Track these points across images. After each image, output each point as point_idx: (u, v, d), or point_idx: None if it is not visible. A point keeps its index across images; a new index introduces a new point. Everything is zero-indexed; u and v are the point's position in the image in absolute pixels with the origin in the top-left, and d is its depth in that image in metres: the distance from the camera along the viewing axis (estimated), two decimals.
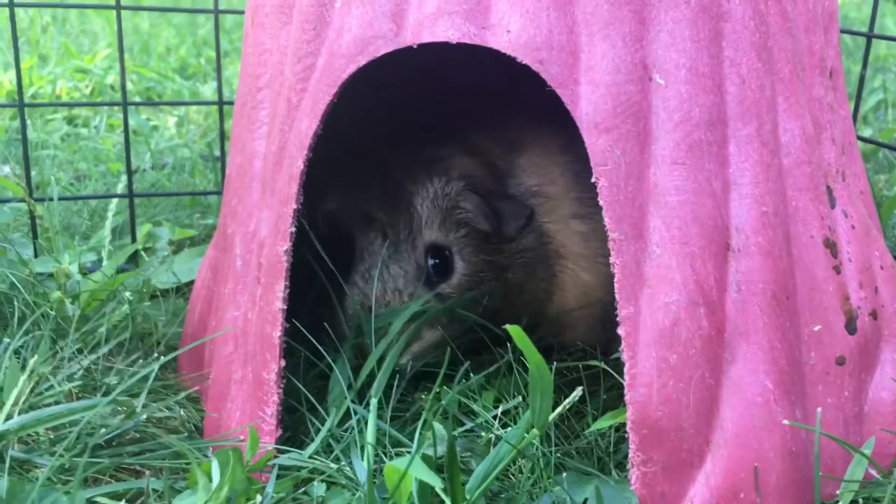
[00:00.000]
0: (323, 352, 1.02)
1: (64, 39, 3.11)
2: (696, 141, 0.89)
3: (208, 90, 2.74)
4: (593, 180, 0.88)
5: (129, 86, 2.88)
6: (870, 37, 1.36)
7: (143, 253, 1.53)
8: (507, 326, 0.79)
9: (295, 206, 0.97)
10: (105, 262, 1.37)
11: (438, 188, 1.13)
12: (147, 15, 4.07)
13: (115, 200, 1.63)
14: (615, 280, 0.88)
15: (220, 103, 1.52)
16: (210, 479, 0.82)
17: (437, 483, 0.72)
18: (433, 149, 1.18)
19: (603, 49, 0.88)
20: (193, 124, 2.46)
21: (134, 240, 1.50)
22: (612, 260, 0.88)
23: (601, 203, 0.88)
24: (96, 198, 1.63)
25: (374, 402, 0.94)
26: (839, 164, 1.00)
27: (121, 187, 1.67)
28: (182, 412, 1.09)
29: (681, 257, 0.88)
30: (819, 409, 0.89)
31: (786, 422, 0.87)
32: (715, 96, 0.90)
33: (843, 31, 1.35)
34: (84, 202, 1.71)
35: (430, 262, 1.13)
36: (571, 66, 0.88)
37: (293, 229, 0.97)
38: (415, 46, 0.90)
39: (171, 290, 1.42)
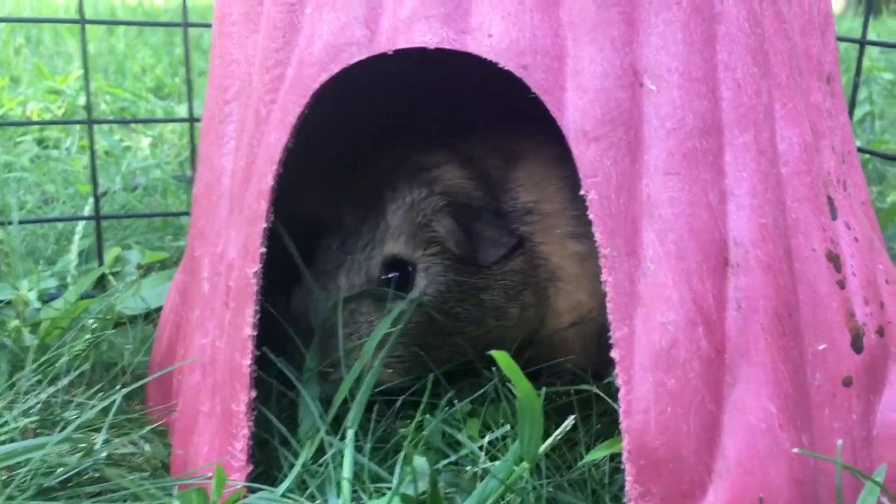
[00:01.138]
0: (294, 379, 0.96)
1: (36, 60, 3.04)
2: (691, 149, 0.83)
3: (183, 110, 2.68)
4: (582, 192, 0.82)
5: (103, 106, 2.82)
6: (863, 43, 1.32)
7: (111, 278, 1.46)
8: (493, 353, 0.72)
9: (265, 225, 0.90)
10: (70, 289, 1.30)
11: (416, 200, 1.06)
12: (123, 35, 4.02)
13: (82, 224, 1.56)
14: (608, 299, 0.82)
15: (191, 120, 1.46)
16: None
17: None
18: (423, 154, 1.11)
19: (590, 53, 0.83)
20: (168, 144, 2.40)
21: (101, 264, 1.43)
22: (603, 278, 0.82)
23: (591, 217, 0.82)
24: (60, 220, 1.56)
25: (350, 433, 0.87)
26: (839, 173, 0.95)
27: (88, 209, 1.60)
28: (147, 447, 1.02)
29: (677, 274, 0.82)
30: (840, 442, 0.84)
31: (795, 450, 0.81)
32: (709, 102, 0.85)
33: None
34: (51, 226, 1.64)
35: (390, 275, 1.05)
36: (557, 72, 0.83)
37: (263, 250, 0.91)
38: (390, 53, 0.84)
39: (140, 317, 1.35)
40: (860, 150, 1.61)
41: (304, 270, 1.03)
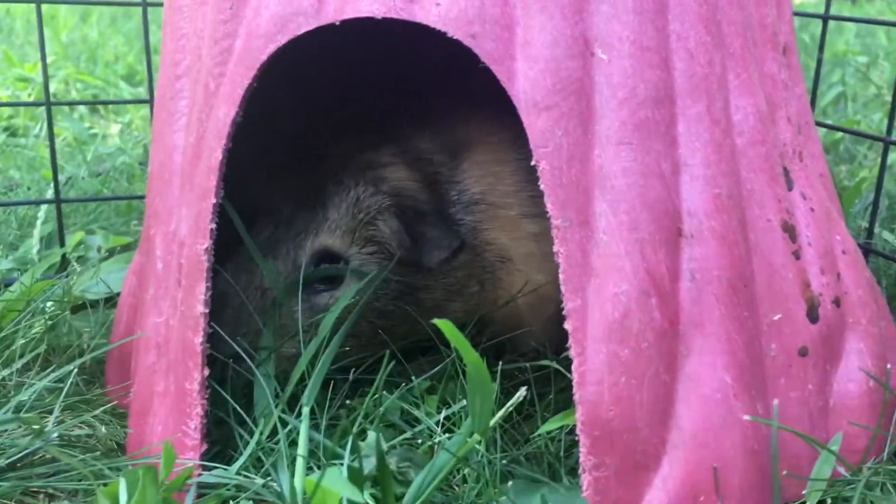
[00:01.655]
0: (246, 358, 0.95)
1: (5, 48, 3.00)
2: (643, 119, 0.83)
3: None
4: (533, 163, 0.81)
5: (74, 93, 2.78)
6: (826, 18, 1.31)
7: (74, 263, 1.44)
8: (437, 321, 0.72)
9: (214, 201, 0.89)
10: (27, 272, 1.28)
11: (361, 196, 1.06)
12: (96, 23, 3.97)
13: (44, 209, 1.54)
14: (560, 271, 0.81)
15: (151, 101, 1.44)
16: (117, 502, 0.74)
17: (359, 498, 0.65)
18: (371, 151, 1.10)
19: (540, 22, 0.82)
20: (137, 131, 2.37)
21: (63, 248, 1.41)
22: (555, 249, 0.81)
23: (542, 187, 0.81)
24: (20, 203, 1.54)
25: (305, 410, 0.86)
26: (796, 144, 0.95)
27: (51, 194, 1.58)
28: (103, 429, 1.01)
29: (630, 244, 0.82)
30: (775, 402, 0.83)
31: (746, 417, 0.80)
32: (661, 72, 0.84)
33: (796, 14, 1.30)
34: (12, 211, 1.62)
35: (322, 266, 1.05)
36: (507, 41, 0.82)
37: (213, 226, 0.89)
38: (337, 23, 0.83)
39: (101, 301, 1.33)
40: (832, 126, 1.61)
41: (252, 247, 1.02)
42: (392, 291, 1.04)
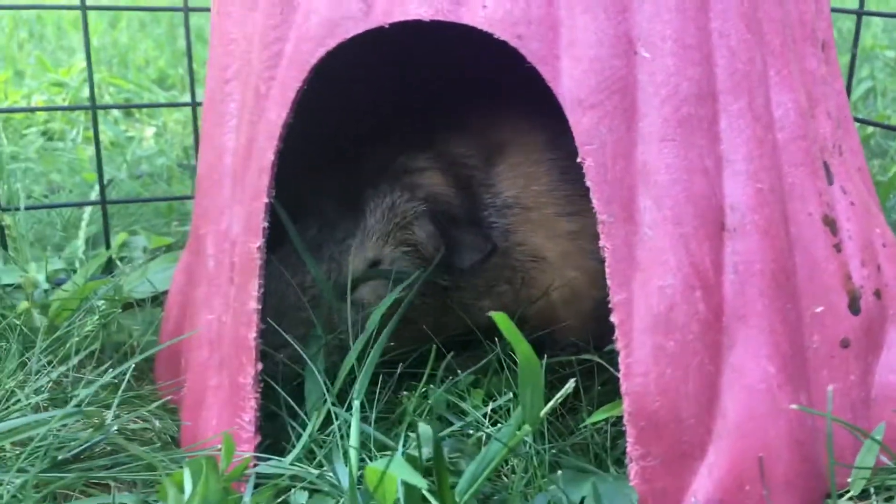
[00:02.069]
0: (301, 352, 0.97)
1: (39, 53, 3.05)
2: (686, 116, 0.84)
3: (186, 100, 2.69)
4: (579, 160, 0.83)
5: (107, 97, 2.83)
6: (860, 14, 1.32)
7: (118, 263, 1.48)
8: (493, 314, 0.74)
9: (266, 201, 0.92)
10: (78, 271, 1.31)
11: (397, 202, 1.09)
12: (125, 28, 4.03)
13: (88, 211, 1.58)
14: (606, 265, 0.83)
15: (193, 104, 1.47)
16: (182, 491, 0.77)
17: (421, 484, 0.67)
18: (408, 156, 1.13)
19: (584, 22, 0.83)
20: (171, 134, 2.41)
21: (108, 249, 1.45)
22: (601, 244, 0.83)
23: (588, 184, 0.83)
24: (66, 206, 1.58)
25: (356, 403, 0.89)
26: (835, 138, 0.96)
27: (94, 197, 1.62)
28: (157, 423, 1.04)
29: (674, 239, 0.84)
30: (830, 388, 0.85)
31: (794, 406, 0.82)
32: (703, 69, 0.86)
33: (833, 10, 1.31)
34: (57, 213, 1.66)
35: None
36: (552, 42, 0.84)
37: (265, 224, 0.92)
38: (386, 26, 0.85)
39: (147, 300, 1.36)
40: (863, 121, 1.62)
41: (302, 247, 1.04)
42: (420, 289, 1.07)
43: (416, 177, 1.11)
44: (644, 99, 0.84)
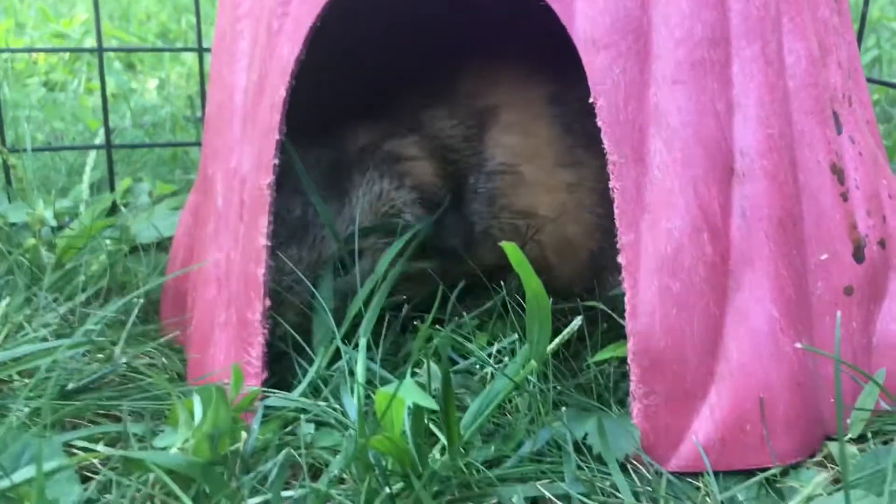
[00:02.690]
0: (313, 289, 0.98)
1: (41, 4, 3.03)
2: (699, 59, 0.85)
3: (189, 56, 2.68)
4: (591, 100, 0.83)
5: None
6: None
7: (122, 208, 1.48)
8: (503, 244, 0.74)
9: (278, 137, 0.92)
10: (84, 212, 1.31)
11: (385, 190, 1.09)
12: None
13: (92, 156, 1.57)
14: (615, 206, 0.84)
15: (199, 50, 1.46)
16: (192, 417, 0.78)
17: (431, 404, 0.68)
18: (397, 143, 1.12)
19: None
20: (174, 86, 2.40)
21: (112, 192, 1.45)
22: (611, 184, 0.83)
23: (599, 124, 0.83)
24: (72, 148, 1.57)
25: (362, 340, 0.90)
26: (845, 88, 0.96)
27: (98, 142, 1.61)
28: (164, 360, 1.05)
29: (683, 181, 0.84)
30: (838, 314, 0.86)
31: (798, 344, 0.83)
32: (718, 13, 0.86)
33: None
34: (61, 158, 1.66)
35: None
36: None
37: (276, 161, 0.92)
38: None
39: (153, 245, 1.36)
40: (872, 80, 1.61)
41: (313, 190, 1.04)
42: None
43: (404, 165, 1.11)
44: (658, 41, 0.84)
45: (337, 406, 0.88)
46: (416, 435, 0.74)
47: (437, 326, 1.00)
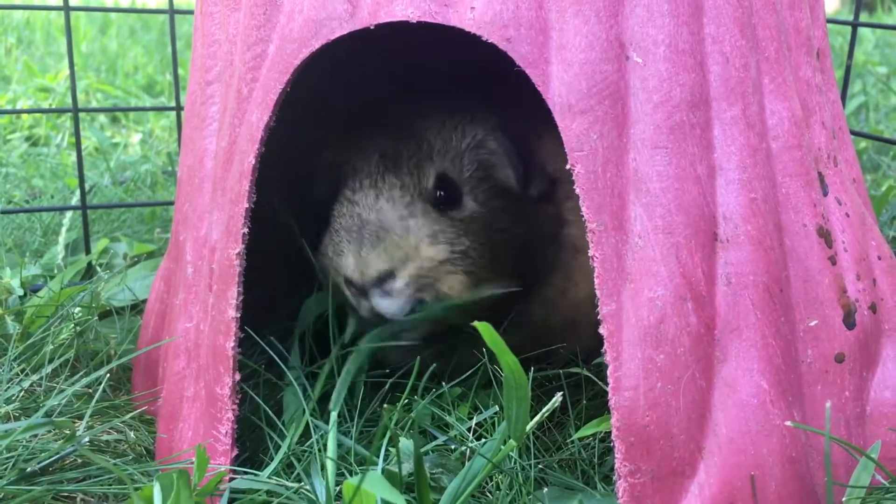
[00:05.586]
0: (278, 360, 0.94)
1: (26, 59, 3.02)
2: (678, 123, 0.82)
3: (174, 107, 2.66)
4: (568, 167, 0.81)
5: (94, 104, 2.80)
6: (855, 25, 1.31)
7: (99, 269, 1.44)
8: (477, 324, 0.71)
9: (247, 206, 0.89)
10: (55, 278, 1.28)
11: (460, 127, 1.03)
12: (115, 35, 4.00)
13: (69, 216, 1.55)
14: (595, 275, 0.81)
15: (178, 109, 1.44)
16: None
17: (399, 501, 0.64)
18: (459, 101, 1.07)
19: (575, 25, 0.81)
20: (157, 141, 2.38)
21: (88, 255, 1.41)
22: (590, 253, 0.81)
23: (577, 191, 0.81)
24: (46, 210, 1.54)
25: (333, 415, 0.86)
26: (830, 148, 0.94)
27: (76, 202, 1.59)
28: (133, 434, 1.01)
29: (665, 248, 0.81)
30: (828, 404, 0.82)
31: (788, 423, 0.79)
32: (697, 75, 0.83)
33: (828, 21, 1.30)
34: (38, 219, 1.63)
35: (438, 193, 1.01)
36: (542, 45, 0.82)
37: (245, 230, 0.89)
38: (372, 27, 0.83)
39: (127, 308, 1.33)
40: (858, 133, 1.60)
41: (307, 250, 1.01)
42: (502, 223, 1.02)
43: (474, 113, 1.06)
44: (636, 105, 0.82)
45: (308, 488, 0.83)
46: None
47: (416, 396, 0.97)
